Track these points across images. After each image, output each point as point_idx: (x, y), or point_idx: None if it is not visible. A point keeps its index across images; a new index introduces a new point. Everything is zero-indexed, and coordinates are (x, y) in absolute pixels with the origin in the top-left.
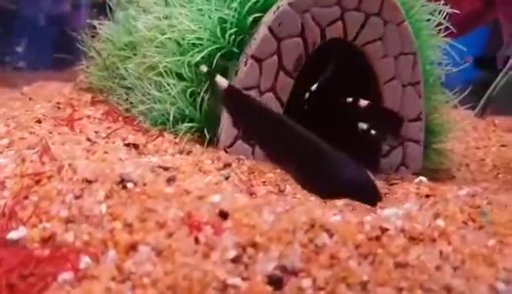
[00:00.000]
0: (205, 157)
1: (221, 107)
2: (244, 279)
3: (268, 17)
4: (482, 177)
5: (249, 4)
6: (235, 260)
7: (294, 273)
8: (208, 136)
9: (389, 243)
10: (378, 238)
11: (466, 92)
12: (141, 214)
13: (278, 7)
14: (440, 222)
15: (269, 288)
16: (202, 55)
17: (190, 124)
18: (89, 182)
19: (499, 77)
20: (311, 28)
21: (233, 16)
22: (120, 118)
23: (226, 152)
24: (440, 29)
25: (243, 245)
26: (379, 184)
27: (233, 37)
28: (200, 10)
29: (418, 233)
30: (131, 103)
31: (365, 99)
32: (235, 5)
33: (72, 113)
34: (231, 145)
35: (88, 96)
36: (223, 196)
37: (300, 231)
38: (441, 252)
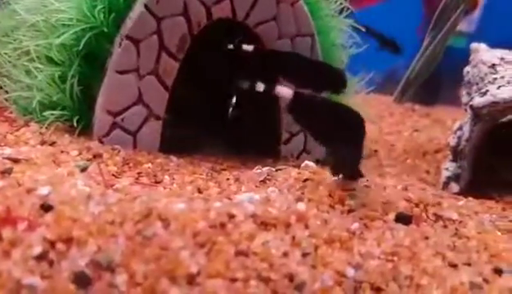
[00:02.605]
0: (72, 147)
1: (96, 92)
2: (44, 278)
3: None
4: (389, 162)
5: None
6: (40, 258)
7: (111, 268)
8: (78, 125)
9: (234, 230)
10: (222, 226)
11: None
12: None
13: None
14: (301, 206)
15: (72, 287)
16: (66, 35)
17: (59, 112)
18: None
19: (415, 60)
20: (195, 7)
21: None
22: None
23: (102, 142)
24: (342, 10)
25: (52, 240)
26: (264, 170)
27: (103, 15)
28: None
29: (271, 218)
30: (6, 92)
31: None
32: None
33: None
34: (108, 135)
35: None
36: (54, 188)
37: (129, 222)
38: (293, 238)
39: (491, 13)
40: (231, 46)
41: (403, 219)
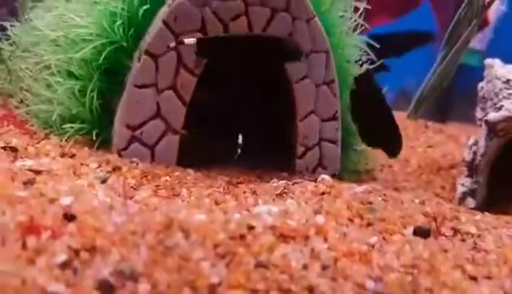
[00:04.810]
0: (91, 160)
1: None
2: (69, 286)
3: (163, 11)
4: (404, 177)
5: None
6: (64, 266)
7: (134, 277)
8: (98, 138)
9: (254, 242)
10: (242, 237)
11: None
12: None
13: (173, 0)
14: (319, 219)
15: None
16: (86, 50)
17: (79, 125)
18: None
19: (428, 76)
20: (212, 23)
21: (122, 9)
22: (16, 122)
23: (120, 155)
24: (357, 26)
25: (76, 249)
26: (281, 183)
27: (122, 30)
28: (93, 3)
29: (290, 230)
30: (27, 105)
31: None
32: None
33: None
34: (126, 148)
35: None
36: (76, 199)
37: (151, 233)
38: (312, 250)
39: (502, 31)
40: (172, 44)
41: (421, 232)
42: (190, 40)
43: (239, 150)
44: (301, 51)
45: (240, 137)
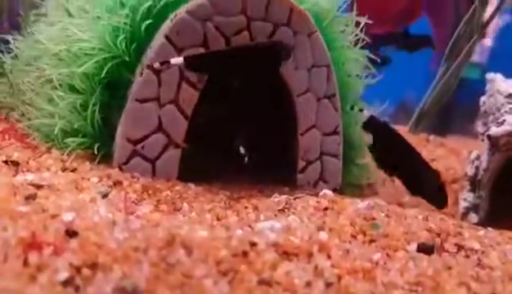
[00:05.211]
0: (92, 174)
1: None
2: None
3: (166, 26)
4: (407, 192)
5: (142, 10)
6: (66, 283)
7: None
8: (99, 152)
9: (256, 259)
10: (244, 254)
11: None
12: None
13: (176, 15)
14: (323, 235)
15: None
16: (88, 64)
17: (80, 139)
18: None
19: (429, 90)
20: (214, 38)
21: (125, 23)
22: (17, 135)
23: (121, 169)
24: (358, 40)
25: (78, 266)
26: (282, 198)
27: (125, 44)
28: (96, 18)
29: (293, 247)
30: (29, 119)
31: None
32: (126, 11)
33: None
34: (127, 162)
35: None
36: (78, 214)
37: (153, 249)
38: (316, 267)
39: (502, 43)
40: (157, 65)
41: (425, 249)
42: (177, 59)
43: (246, 158)
44: (289, 47)
45: (242, 148)
